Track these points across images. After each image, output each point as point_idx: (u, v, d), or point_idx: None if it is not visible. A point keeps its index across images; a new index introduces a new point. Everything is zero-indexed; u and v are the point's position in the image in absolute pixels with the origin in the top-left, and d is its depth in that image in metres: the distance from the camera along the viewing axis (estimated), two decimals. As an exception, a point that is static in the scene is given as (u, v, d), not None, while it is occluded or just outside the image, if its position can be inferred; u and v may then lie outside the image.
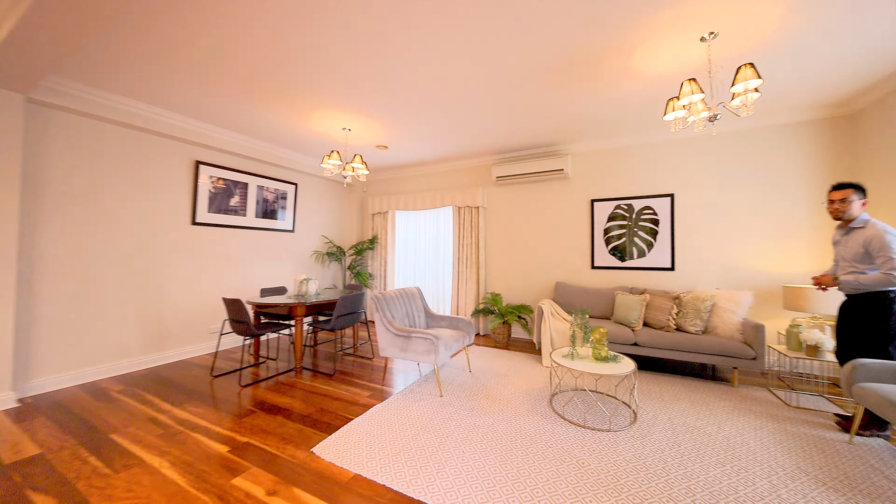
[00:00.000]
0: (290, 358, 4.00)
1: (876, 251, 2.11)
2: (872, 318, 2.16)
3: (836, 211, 2.31)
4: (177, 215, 3.97)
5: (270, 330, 3.37)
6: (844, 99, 3.30)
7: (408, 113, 3.67)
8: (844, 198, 2.27)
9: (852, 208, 2.27)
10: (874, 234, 2.14)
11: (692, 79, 2.13)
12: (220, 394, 2.93)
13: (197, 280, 4.15)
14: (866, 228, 2.20)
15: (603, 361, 2.52)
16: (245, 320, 3.09)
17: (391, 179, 6.30)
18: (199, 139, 4.01)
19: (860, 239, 2.21)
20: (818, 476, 1.82)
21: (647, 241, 4.33)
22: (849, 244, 2.28)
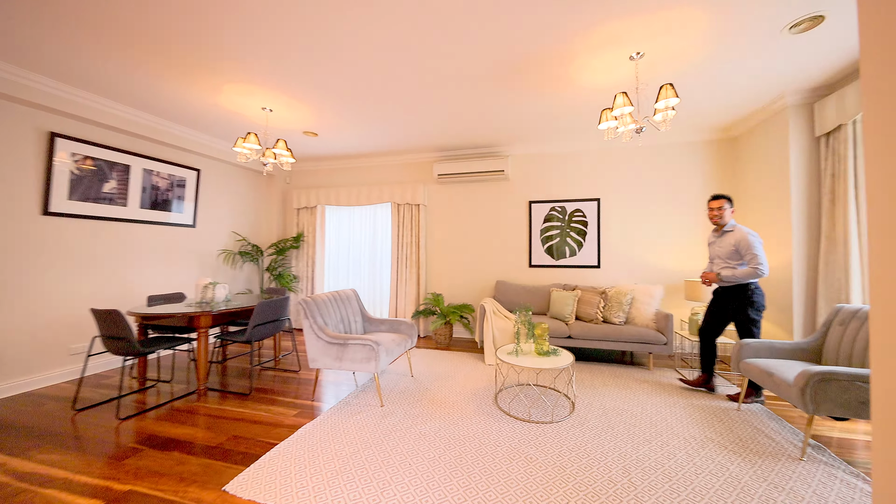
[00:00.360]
0: (191, 378, 3.36)
1: (744, 250, 2.63)
2: (739, 305, 2.67)
3: (715, 217, 2.82)
4: (18, 203, 3.04)
5: (163, 347, 2.76)
6: (729, 125, 4.00)
7: (342, 100, 3.38)
8: (720, 206, 2.79)
9: (725, 215, 2.79)
10: (742, 236, 2.65)
11: (624, 92, 2.32)
12: (87, 432, 2.29)
13: (51, 287, 3.23)
14: (735, 232, 2.71)
15: (545, 356, 2.60)
16: (125, 336, 2.48)
17: (321, 171, 5.80)
18: (58, 105, 3.14)
19: (731, 240, 2.72)
20: (720, 441, 2.13)
21: (578, 241, 4.70)
22: (722, 245, 2.79)
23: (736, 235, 2.70)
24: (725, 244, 2.76)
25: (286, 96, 3.31)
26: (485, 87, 3.06)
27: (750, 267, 2.58)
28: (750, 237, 2.62)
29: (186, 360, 3.93)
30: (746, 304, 2.64)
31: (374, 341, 2.60)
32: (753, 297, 2.63)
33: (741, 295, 2.66)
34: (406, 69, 2.80)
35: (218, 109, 3.65)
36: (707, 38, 2.35)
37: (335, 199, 5.53)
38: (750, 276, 2.59)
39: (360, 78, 2.95)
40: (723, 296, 2.79)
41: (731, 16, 2.14)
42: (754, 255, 2.57)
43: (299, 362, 3.75)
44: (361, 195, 5.39)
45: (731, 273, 2.66)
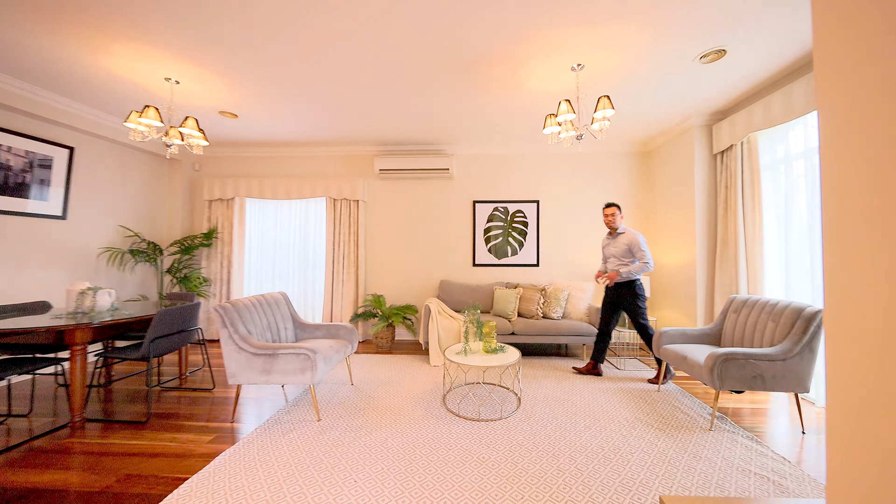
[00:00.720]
0: (61, 409, 2.69)
1: (636, 249, 3.10)
2: (631, 296, 3.13)
3: (609, 222, 3.27)
4: None
5: (17, 372, 2.15)
6: (647, 140, 4.53)
7: (270, 79, 3.02)
8: (613, 213, 3.25)
9: (617, 220, 3.24)
10: (633, 237, 3.13)
11: (567, 100, 2.46)
12: None
13: None
14: (627, 234, 3.18)
15: (493, 353, 2.63)
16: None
17: (242, 158, 5.16)
18: None
19: (625, 241, 3.17)
20: (647, 420, 2.38)
21: (519, 241, 4.90)
22: (617, 245, 3.23)
23: (628, 236, 3.16)
24: (620, 244, 3.20)
25: (198, 67, 2.85)
26: (433, 82, 3.00)
27: (641, 262, 3.06)
28: (639, 238, 3.10)
29: (52, 387, 3.15)
30: (635, 295, 3.12)
31: (310, 349, 2.36)
32: (639, 290, 3.13)
33: (631, 288, 3.13)
34: (347, 54, 2.60)
35: (105, 75, 2.99)
36: (637, 58, 2.61)
37: (258, 192, 4.96)
38: (641, 270, 3.06)
39: (294, 57, 2.66)
40: (615, 290, 3.23)
41: (656, 40, 2.39)
42: (643, 252, 3.05)
43: (213, 379, 3.26)
44: (292, 188, 4.92)
45: (627, 270, 3.09)
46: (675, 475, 1.77)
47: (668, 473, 1.78)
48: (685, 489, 1.65)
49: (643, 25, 2.25)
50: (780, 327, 2.25)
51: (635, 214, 4.73)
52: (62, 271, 3.73)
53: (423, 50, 2.54)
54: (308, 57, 2.66)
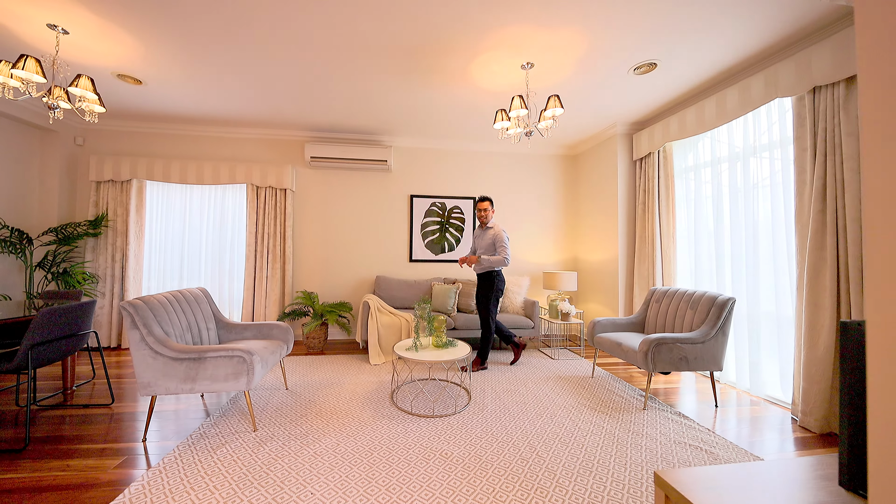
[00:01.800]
0: None
1: (498, 244, 3.28)
2: (486, 287, 3.33)
3: (482, 216, 3.41)
4: None
5: None
6: (574, 144, 4.94)
7: (190, 39, 2.63)
8: (486, 207, 3.39)
9: (489, 215, 3.40)
10: (498, 232, 3.32)
11: (520, 96, 2.57)
12: None
13: None
14: (493, 229, 3.36)
15: (444, 348, 2.66)
16: None
17: (142, 134, 4.44)
18: None
19: (491, 236, 3.34)
20: (590, 405, 2.62)
21: (456, 237, 5.00)
22: (484, 239, 3.40)
23: (495, 231, 3.34)
24: (487, 238, 3.36)
25: (97, 16, 2.37)
26: (377, 63, 2.89)
27: (501, 256, 3.25)
28: (504, 234, 3.31)
29: None
30: (490, 287, 3.31)
31: (245, 350, 2.14)
32: (496, 283, 3.32)
33: (490, 280, 3.32)
34: (283, 21, 2.38)
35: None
36: (580, 63, 2.84)
37: (163, 174, 4.31)
38: (499, 264, 3.25)
39: (221, 15, 2.35)
40: (480, 280, 3.41)
41: (598, 48, 2.63)
42: (504, 247, 3.25)
43: (112, 392, 2.77)
44: (205, 172, 4.36)
45: (487, 258, 3.30)
46: (626, 452, 1.96)
47: (619, 452, 1.97)
48: (637, 464, 1.84)
49: (588, 33, 2.45)
50: (697, 314, 2.65)
51: (562, 214, 5.16)
52: None
53: (371, 28, 2.44)
54: (238, 17, 2.38)
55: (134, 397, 2.79)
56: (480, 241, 3.44)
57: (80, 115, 2.76)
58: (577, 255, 5.08)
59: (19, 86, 2.31)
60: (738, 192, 3.06)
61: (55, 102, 2.50)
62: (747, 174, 2.98)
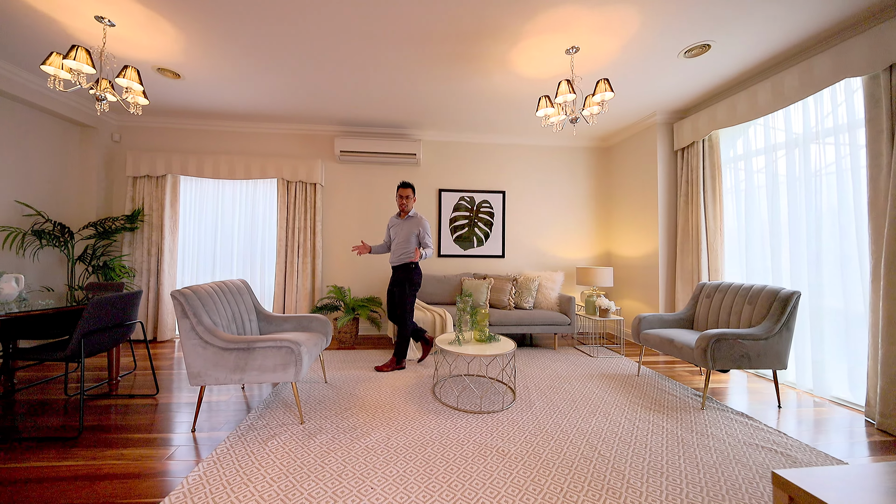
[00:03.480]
0: (-54, 429, 2.10)
1: (423, 234, 3.11)
2: (404, 279, 3.12)
3: (403, 204, 3.15)
4: None
5: None
6: (608, 135, 4.77)
7: (228, 30, 2.60)
8: (408, 195, 3.14)
9: (410, 203, 3.16)
10: (421, 221, 3.13)
11: (568, 80, 2.45)
12: None
13: None
14: (416, 218, 3.15)
15: (487, 342, 2.57)
16: None
17: (176, 130, 4.49)
18: None
19: (413, 225, 3.13)
20: (642, 404, 2.47)
21: (485, 232, 4.91)
22: (405, 228, 3.15)
23: (418, 221, 3.14)
24: (408, 228, 3.14)
25: (141, 4, 2.36)
26: (413, 52, 2.82)
27: (430, 248, 3.12)
28: (427, 224, 3.17)
29: (-75, 403, 2.46)
30: (407, 280, 3.11)
31: (293, 341, 2.10)
32: (414, 275, 3.13)
33: (406, 272, 3.12)
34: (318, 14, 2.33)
35: (15, 7, 2.36)
36: (628, 46, 2.70)
37: (197, 170, 4.35)
38: (427, 256, 3.11)
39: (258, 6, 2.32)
40: (395, 273, 3.20)
41: (649, 28, 2.49)
42: (428, 236, 3.13)
43: (157, 383, 2.79)
44: (238, 167, 4.38)
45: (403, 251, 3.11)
46: (695, 453, 1.84)
47: (687, 452, 1.84)
48: (710, 466, 1.71)
49: (641, 12, 2.31)
50: (757, 309, 2.49)
51: (594, 208, 4.99)
52: (-67, 255, 2.93)
53: (412, 13, 2.36)
54: (274, 9, 2.34)
55: (177, 388, 2.80)
56: (400, 231, 3.17)
57: (125, 107, 2.78)
58: (611, 249, 4.92)
59: (70, 77, 2.33)
60: (796, 180, 2.86)
61: (103, 94, 2.51)
62: (807, 161, 2.78)
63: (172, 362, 3.47)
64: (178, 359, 3.59)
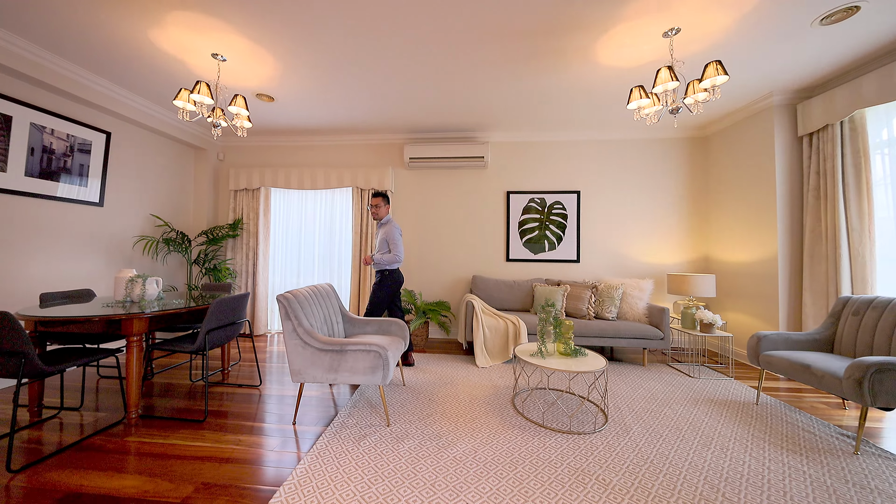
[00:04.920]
0: (109, 402, 2.62)
1: (390, 241, 3.30)
2: (377, 284, 3.34)
3: (374, 213, 3.43)
4: None
5: (76, 363, 2.05)
6: (706, 123, 4.25)
7: (313, 54, 2.85)
8: (376, 204, 3.41)
9: (380, 211, 3.41)
10: (390, 230, 3.33)
11: (669, 66, 2.23)
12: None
13: None
14: (387, 225, 3.37)
15: (572, 356, 2.45)
16: (21, 350, 1.77)
17: (267, 148, 5.06)
18: None
19: (384, 232, 3.35)
20: (769, 440, 2.10)
21: (557, 235, 4.70)
22: (378, 236, 3.39)
23: (387, 228, 3.36)
24: (381, 236, 3.39)
25: (247, 39, 2.69)
26: (488, 53, 2.80)
27: (393, 254, 3.28)
28: (395, 232, 3.33)
29: (94, 379, 3.09)
30: (379, 284, 3.33)
31: (381, 346, 2.22)
32: (386, 280, 3.33)
33: (379, 277, 3.36)
34: (394, 27, 2.43)
35: (151, 52, 2.88)
36: (746, 20, 2.36)
37: (284, 182, 4.86)
38: (391, 262, 3.28)
39: (339, 29, 2.51)
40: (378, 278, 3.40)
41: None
42: (395, 244, 3.29)
43: (260, 375, 3.16)
44: (318, 178, 4.80)
45: (379, 258, 3.32)
46: None
47: None
48: None
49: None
50: None
51: (688, 207, 4.47)
52: (99, 259, 3.68)
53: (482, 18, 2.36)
54: (353, 30, 2.52)
55: (276, 381, 3.14)
56: (378, 238, 3.46)
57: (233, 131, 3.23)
58: (711, 254, 4.37)
59: (194, 109, 2.75)
60: None
61: (218, 121, 2.93)
62: None
63: (266, 355, 3.90)
64: (272, 352, 4.03)
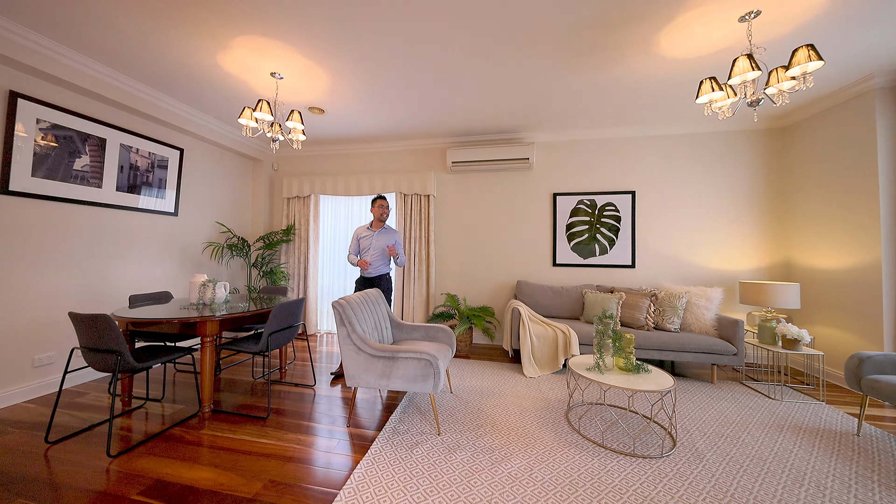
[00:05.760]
0: (184, 394, 2.89)
1: (399, 245, 3.46)
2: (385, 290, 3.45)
3: (384, 215, 3.49)
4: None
5: (160, 360, 2.30)
6: (786, 112, 3.84)
7: (362, 66, 2.97)
8: (387, 205, 3.50)
9: (387, 213, 3.50)
10: (397, 234, 3.55)
11: (748, 54, 2.04)
12: (71, 477, 1.82)
13: (11, 283, 2.71)
14: (392, 229, 3.53)
15: (634, 373, 2.31)
16: (117, 349, 2.01)
17: (316, 157, 5.35)
18: (19, 55, 2.58)
19: (391, 236, 3.49)
20: (881, 480, 1.84)
21: (610, 238, 4.47)
22: (381, 239, 3.48)
23: (394, 233, 3.53)
24: (384, 239, 3.48)
25: (303, 57, 2.86)
26: (531, 55, 2.75)
27: (403, 258, 3.45)
28: (399, 237, 3.56)
29: (172, 372, 3.44)
30: (389, 290, 3.52)
31: (431, 354, 2.24)
32: (391, 284, 3.55)
33: (386, 282, 3.49)
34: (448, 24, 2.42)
35: (218, 74, 3.15)
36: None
37: (332, 189, 5.10)
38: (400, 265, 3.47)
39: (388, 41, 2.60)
40: (372, 282, 3.46)
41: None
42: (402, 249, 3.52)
43: (314, 374, 3.33)
44: (363, 184, 4.98)
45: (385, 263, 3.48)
46: None
47: None
48: None
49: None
50: None
51: (763, 206, 4.04)
52: (174, 263, 4.09)
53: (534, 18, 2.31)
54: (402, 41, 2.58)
55: (324, 380, 3.29)
56: (376, 242, 3.48)
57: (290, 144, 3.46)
58: (793, 259, 3.93)
59: (256, 125, 2.97)
60: None
61: (276, 136, 3.14)
62: None
63: (317, 355, 4.11)
64: (321, 352, 4.24)
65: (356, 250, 3.55)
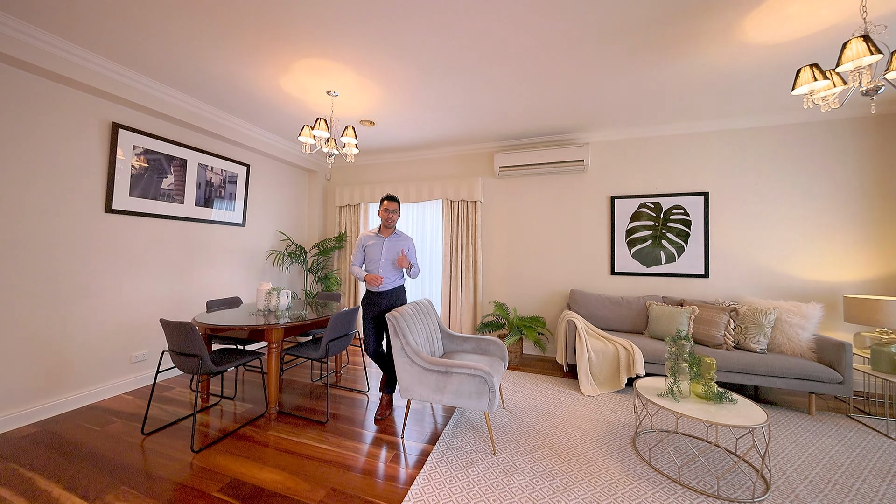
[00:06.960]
0: (253, 394, 3.14)
1: (412, 254, 2.96)
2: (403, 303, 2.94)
3: (393, 219, 2.91)
4: (84, 199, 2.94)
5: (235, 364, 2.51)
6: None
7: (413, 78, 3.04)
8: (396, 209, 2.91)
9: (397, 218, 2.93)
10: (411, 241, 2.99)
11: (864, 36, 1.76)
12: (163, 469, 2.05)
13: (115, 289, 3.15)
14: (405, 237, 2.98)
15: (715, 402, 2.09)
16: (199, 353, 2.24)
17: (365, 167, 5.56)
18: (117, 90, 2.99)
19: (403, 244, 2.93)
20: None
21: (677, 245, 4.12)
22: (393, 248, 2.90)
23: (406, 240, 2.97)
24: (396, 247, 2.90)
25: (357, 74, 2.98)
26: (590, 52, 2.62)
27: (417, 268, 2.97)
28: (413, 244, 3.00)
29: (241, 371, 3.76)
30: (405, 303, 2.98)
31: (486, 371, 2.21)
32: (406, 297, 3.03)
33: (401, 295, 2.96)
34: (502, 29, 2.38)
35: (279, 95, 3.40)
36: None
37: (380, 197, 5.26)
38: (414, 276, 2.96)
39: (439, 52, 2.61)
40: (382, 299, 2.85)
41: None
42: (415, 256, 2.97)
43: (368, 381, 3.44)
44: (410, 192, 5.07)
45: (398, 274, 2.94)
46: None
47: None
48: None
49: None
50: None
51: (871, 206, 3.47)
52: (241, 270, 4.47)
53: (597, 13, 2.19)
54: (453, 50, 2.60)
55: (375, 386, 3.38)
56: (387, 251, 2.89)
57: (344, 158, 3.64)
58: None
59: (314, 142, 3.16)
60: None
61: (332, 151, 3.31)
62: None
63: (367, 361, 4.25)
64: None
65: (361, 261, 2.95)
